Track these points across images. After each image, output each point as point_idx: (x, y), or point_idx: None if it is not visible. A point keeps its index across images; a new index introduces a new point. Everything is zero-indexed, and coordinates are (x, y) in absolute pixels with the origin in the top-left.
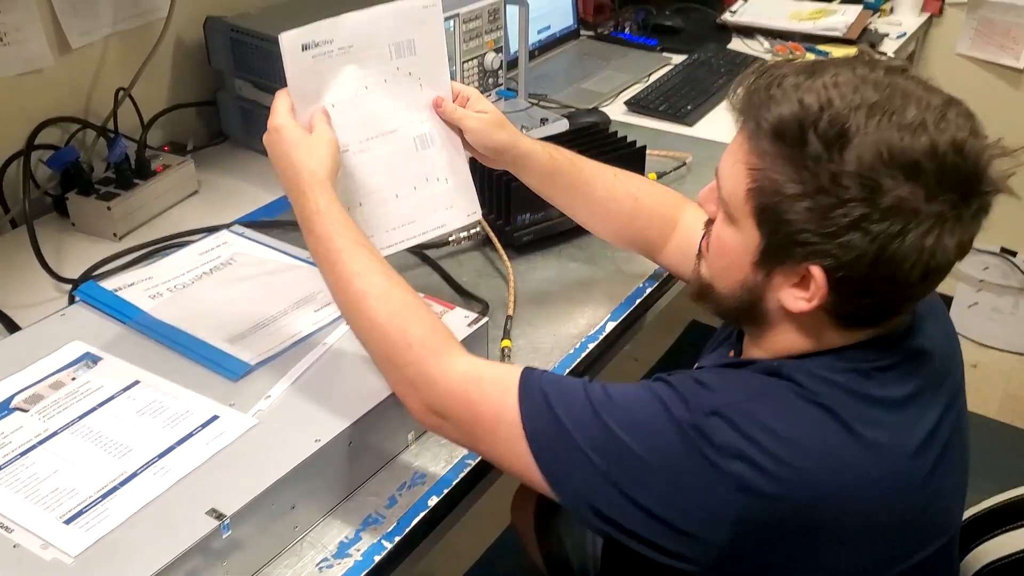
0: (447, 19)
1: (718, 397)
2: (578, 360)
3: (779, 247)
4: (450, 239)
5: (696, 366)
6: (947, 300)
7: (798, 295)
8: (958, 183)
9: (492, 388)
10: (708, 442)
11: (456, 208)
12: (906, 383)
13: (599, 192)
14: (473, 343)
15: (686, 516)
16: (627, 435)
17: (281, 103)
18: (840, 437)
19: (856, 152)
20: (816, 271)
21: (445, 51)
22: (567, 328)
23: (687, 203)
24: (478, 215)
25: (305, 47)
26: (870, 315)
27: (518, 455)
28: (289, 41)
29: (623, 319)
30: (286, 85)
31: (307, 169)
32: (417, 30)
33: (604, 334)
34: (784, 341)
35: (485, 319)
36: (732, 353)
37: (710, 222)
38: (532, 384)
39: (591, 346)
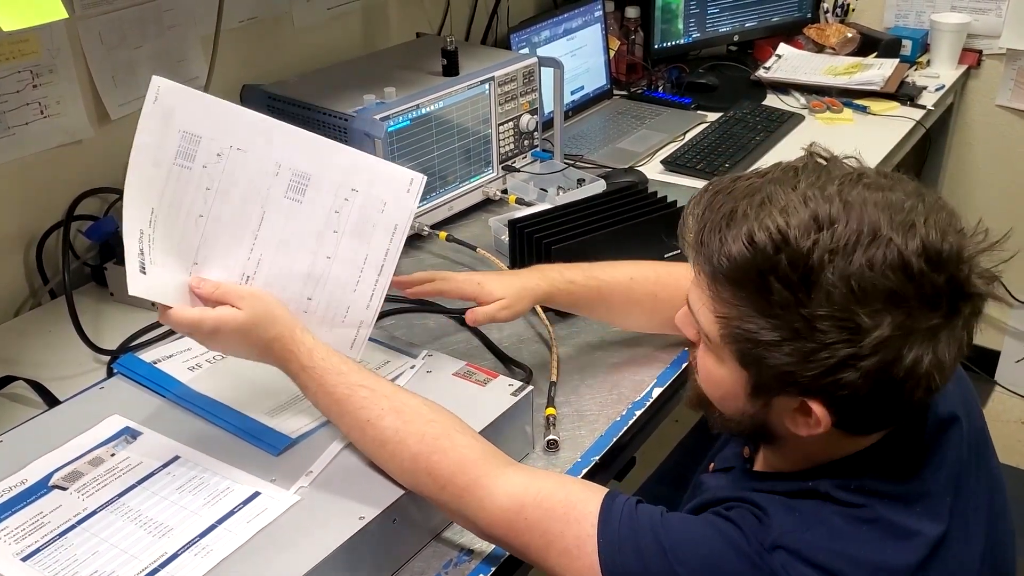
0: (483, 82)
1: (774, 528)
2: (625, 427)
3: (770, 385)
4: None
5: (712, 466)
6: (995, 355)
7: (801, 422)
8: (943, 297)
9: (545, 513)
10: None
11: (390, 203)
12: (941, 462)
13: (618, 299)
14: (517, 412)
15: None
16: None
17: (181, 320)
18: (895, 546)
19: (825, 292)
20: (815, 406)
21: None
22: (612, 394)
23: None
24: (418, 180)
25: (143, 270)
26: (883, 419)
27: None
28: (135, 287)
29: (669, 384)
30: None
31: (261, 347)
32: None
33: (651, 400)
34: (801, 452)
35: (529, 387)
36: (747, 451)
37: (693, 343)
38: (614, 514)
39: (638, 413)
